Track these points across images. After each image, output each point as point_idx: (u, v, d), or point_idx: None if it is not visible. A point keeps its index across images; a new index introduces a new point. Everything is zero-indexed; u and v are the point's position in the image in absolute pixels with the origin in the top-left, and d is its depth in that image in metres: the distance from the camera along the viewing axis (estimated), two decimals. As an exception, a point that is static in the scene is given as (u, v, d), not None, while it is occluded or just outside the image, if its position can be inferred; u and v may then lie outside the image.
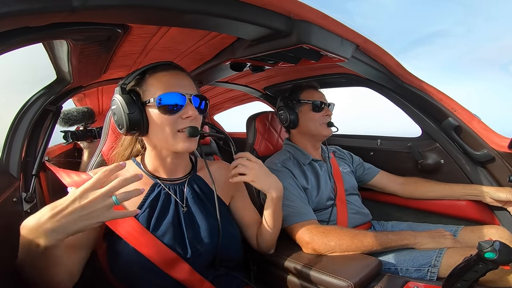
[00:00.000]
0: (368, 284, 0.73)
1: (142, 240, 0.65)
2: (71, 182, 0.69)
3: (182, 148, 0.68)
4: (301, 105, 1.20)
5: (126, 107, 0.65)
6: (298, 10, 0.67)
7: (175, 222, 0.70)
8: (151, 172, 0.75)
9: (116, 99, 0.67)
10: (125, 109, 0.65)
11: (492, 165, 1.06)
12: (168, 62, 0.72)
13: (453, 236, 0.94)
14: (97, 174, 0.53)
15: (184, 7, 0.55)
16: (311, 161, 1.18)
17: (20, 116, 0.89)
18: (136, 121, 0.66)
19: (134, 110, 0.66)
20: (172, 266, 0.66)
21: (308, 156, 1.19)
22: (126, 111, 0.65)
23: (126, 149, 0.80)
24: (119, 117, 0.66)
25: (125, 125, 0.65)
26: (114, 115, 0.68)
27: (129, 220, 0.66)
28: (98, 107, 2.00)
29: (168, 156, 0.74)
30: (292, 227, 0.96)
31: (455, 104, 1.08)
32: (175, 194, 0.74)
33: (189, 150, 0.70)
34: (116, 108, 0.67)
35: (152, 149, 0.73)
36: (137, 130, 0.67)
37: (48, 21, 0.49)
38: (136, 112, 0.66)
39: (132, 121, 0.65)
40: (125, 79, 0.69)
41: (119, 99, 0.66)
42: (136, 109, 0.66)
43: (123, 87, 0.68)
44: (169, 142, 0.68)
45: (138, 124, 0.66)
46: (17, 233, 0.59)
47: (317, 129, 1.17)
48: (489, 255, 0.58)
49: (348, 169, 1.30)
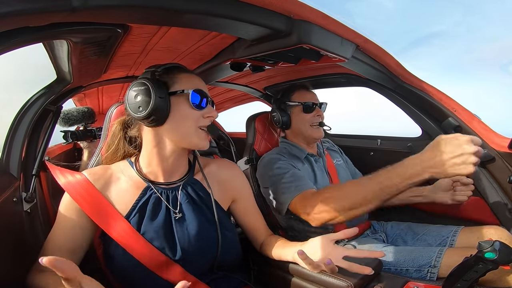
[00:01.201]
0: (368, 284, 0.73)
1: (133, 242, 0.65)
2: (65, 183, 0.68)
3: (200, 144, 0.71)
4: (293, 107, 1.23)
5: (158, 90, 0.65)
6: (298, 10, 0.67)
7: (165, 226, 0.69)
8: (145, 174, 0.73)
9: (144, 81, 0.66)
10: (157, 92, 0.64)
11: (492, 165, 1.06)
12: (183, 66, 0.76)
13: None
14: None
15: (184, 7, 0.55)
16: (307, 156, 1.20)
17: (20, 116, 0.89)
18: (161, 108, 0.65)
19: (163, 95, 0.66)
20: (163, 268, 0.66)
21: (304, 150, 1.21)
22: (157, 94, 0.64)
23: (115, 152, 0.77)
24: (145, 100, 0.65)
25: (150, 108, 0.64)
26: (137, 96, 0.66)
27: (120, 222, 0.66)
28: (98, 107, 2.00)
29: (171, 156, 0.72)
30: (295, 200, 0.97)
31: (455, 104, 1.08)
32: (167, 199, 0.72)
33: (205, 147, 0.72)
34: (144, 89, 0.65)
35: (155, 145, 0.71)
36: (155, 117, 0.66)
37: (48, 21, 0.49)
38: (165, 97, 0.66)
39: (158, 106, 0.64)
40: (155, 68, 0.69)
41: (149, 82, 0.65)
42: (165, 95, 0.66)
43: (154, 73, 0.68)
44: (188, 136, 0.70)
45: (162, 111, 0.66)
46: (17, 233, 0.60)
47: (307, 131, 1.20)
48: (489, 255, 0.58)
49: (341, 160, 1.33)
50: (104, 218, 0.66)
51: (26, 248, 0.76)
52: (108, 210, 0.67)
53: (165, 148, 0.71)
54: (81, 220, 0.67)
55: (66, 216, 0.66)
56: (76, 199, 0.66)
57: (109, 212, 0.67)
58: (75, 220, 0.66)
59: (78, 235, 0.67)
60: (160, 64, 0.71)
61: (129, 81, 1.28)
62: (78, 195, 0.66)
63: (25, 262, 0.68)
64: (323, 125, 1.21)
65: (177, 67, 0.73)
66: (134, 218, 0.68)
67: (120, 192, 0.70)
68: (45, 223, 0.91)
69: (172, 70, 0.72)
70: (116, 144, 0.76)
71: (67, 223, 0.66)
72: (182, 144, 0.71)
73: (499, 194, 1.08)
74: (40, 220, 0.88)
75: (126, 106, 0.69)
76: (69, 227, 0.66)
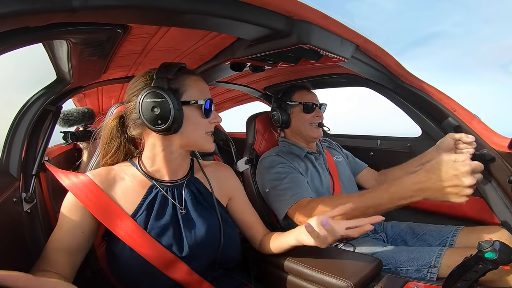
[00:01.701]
0: (368, 284, 0.73)
1: (140, 241, 0.65)
2: (69, 184, 0.68)
3: (210, 147, 0.74)
4: (293, 106, 1.23)
5: (176, 103, 0.65)
6: (298, 10, 0.67)
7: (172, 223, 0.70)
8: (149, 173, 0.74)
9: (160, 92, 0.65)
10: (175, 105, 0.65)
11: (492, 165, 1.06)
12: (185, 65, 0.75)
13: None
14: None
15: (184, 7, 0.55)
16: (307, 154, 1.21)
17: (20, 116, 0.89)
18: (179, 119, 0.66)
19: (179, 107, 0.66)
20: (170, 266, 0.66)
21: (304, 149, 1.22)
22: (177, 107, 0.65)
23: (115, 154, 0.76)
24: (164, 114, 0.65)
25: (170, 120, 0.65)
26: (155, 108, 0.65)
27: (127, 221, 0.66)
28: (98, 107, 2.00)
29: (178, 157, 0.74)
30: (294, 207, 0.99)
31: (455, 104, 1.08)
32: (172, 197, 0.73)
33: (212, 150, 0.76)
34: (162, 102, 0.65)
35: (163, 148, 0.72)
36: (173, 129, 0.67)
37: (48, 21, 0.49)
38: (180, 109, 0.67)
39: (176, 118, 0.65)
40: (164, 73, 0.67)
41: (167, 95, 0.65)
42: (179, 107, 0.67)
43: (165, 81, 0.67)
44: (199, 142, 0.73)
45: (178, 122, 0.67)
46: (17, 233, 0.59)
47: (306, 130, 1.21)
48: (489, 255, 0.58)
49: (341, 158, 1.33)
50: (110, 218, 0.66)
51: (26, 248, 0.76)
52: (114, 209, 0.67)
53: (173, 151, 0.73)
54: (85, 220, 0.67)
55: (69, 216, 0.66)
56: (81, 199, 0.66)
57: (115, 211, 0.67)
58: (78, 220, 0.66)
59: (81, 235, 0.66)
60: (167, 65, 0.70)
61: (129, 81, 1.27)
62: (83, 196, 0.66)
63: (25, 262, 0.68)
64: (322, 125, 1.22)
65: (183, 68, 0.72)
66: (140, 217, 0.68)
67: (125, 192, 0.71)
68: (45, 223, 0.91)
69: (180, 73, 0.71)
70: (118, 144, 0.76)
71: (70, 223, 0.66)
72: (191, 148, 0.75)
73: (499, 194, 1.08)
74: (40, 220, 0.88)
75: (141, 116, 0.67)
76: (73, 227, 0.66)
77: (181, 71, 0.71)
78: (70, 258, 0.66)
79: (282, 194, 1.03)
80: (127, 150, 0.77)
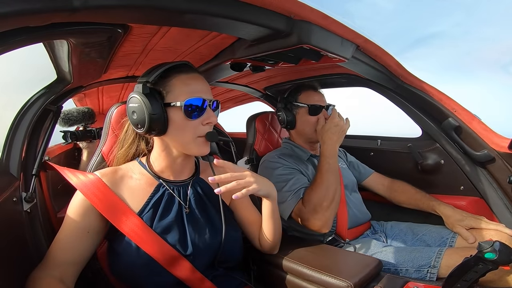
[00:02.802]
0: (368, 284, 0.73)
1: (145, 237, 0.65)
2: (78, 182, 0.68)
3: (199, 152, 0.71)
4: (299, 107, 1.20)
5: (150, 107, 0.64)
6: (299, 10, 0.66)
7: (178, 222, 0.71)
8: (156, 173, 0.75)
9: (137, 97, 0.65)
10: (149, 109, 0.64)
11: (492, 166, 1.06)
12: (186, 62, 0.73)
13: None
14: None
15: (184, 7, 0.55)
16: (310, 157, 1.20)
17: (20, 116, 0.89)
18: (158, 122, 0.65)
19: (158, 110, 0.65)
20: (173, 264, 0.66)
21: (307, 152, 1.20)
22: (150, 111, 0.64)
23: (129, 148, 0.78)
24: (140, 117, 0.65)
25: (147, 125, 0.64)
26: (134, 113, 0.66)
27: (133, 218, 0.67)
28: (98, 107, 2.00)
29: (179, 157, 0.74)
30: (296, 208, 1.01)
31: (455, 104, 1.08)
32: (178, 196, 0.74)
33: (204, 154, 0.72)
34: (138, 106, 0.65)
35: (163, 149, 0.73)
36: (156, 131, 0.66)
37: (48, 21, 0.49)
38: (159, 112, 0.65)
39: (154, 121, 0.64)
40: (147, 77, 0.67)
41: (142, 98, 0.64)
42: (159, 109, 0.65)
43: (145, 86, 0.66)
44: (187, 145, 0.70)
45: (159, 125, 0.65)
46: (17, 232, 0.59)
47: (312, 133, 1.17)
48: (489, 256, 0.58)
49: (345, 165, 1.32)
50: (116, 215, 0.66)
51: (26, 248, 0.76)
52: (121, 207, 0.67)
53: (172, 152, 0.73)
54: (92, 220, 0.67)
55: (76, 216, 0.66)
56: (89, 198, 0.66)
57: (122, 209, 0.67)
58: (85, 220, 0.66)
59: (86, 235, 0.66)
60: (152, 68, 0.69)
61: (129, 81, 1.28)
62: (92, 194, 0.66)
63: (25, 262, 0.68)
64: None
65: (173, 68, 0.69)
66: (147, 214, 0.69)
67: (132, 190, 0.71)
68: (45, 223, 0.91)
69: (167, 74, 0.69)
70: (131, 141, 0.77)
71: (76, 223, 0.66)
72: (184, 151, 0.73)
73: (499, 194, 1.08)
74: (40, 220, 0.88)
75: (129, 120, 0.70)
76: (79, 226, 0.66)
77: (169, 72, 0.69)
78: (75, 258, 0.66)
79: (286, 196, 1.03)
80: (138, 146, 0.78)
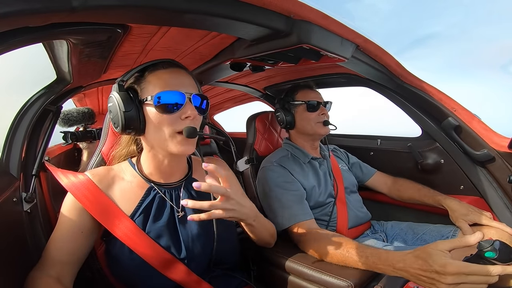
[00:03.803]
0: (368, 284, 0.73)
1: (138, 241, 0.65)
2: (68, 184, 0.68)
3: (178, 150, 0.65)
4: (297, 106, 1.20)
5: (123, 104, 0.62)
6: (298, 10, 0.66)
7: (170, 225, 0.70)
8: (146, 175, 0.73)
9: (112, 96, 0.65)
10: (121, 106, 0.62)
11: (492, 165, 1.06)
12: (168, 60, 0.70)
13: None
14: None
15: (184, 7, 0.55)
16: (311, 160, 1.19)
17: (20, 116, 0.89)
18: (133, 120, 0.63)
19: (131, 108, 0.63)
20: (168, 267, 0.66)
21: (308, 154, 1.19)
22: (123, 109, 0.62)
23: (123, 148, 0.78)
24: (115, 115, 0.64)
25: (121, 123, 0.63)
26: (110, 112, 0.66)
27: (125, 221, 0.66)
28: (98, 107, 2.00)
29: (165, 158, 0.71)
30: (289, 229, 0.97)
31: (455, 104, 1.08)
32: (170, 199, 0.73)
33: (186, 153, 0.67)
34: (112, 105, 0.65)
35: (149, 150, 0.71)
36: (133, 130, 0.65)
37: (47, 21, 0.49)
38: (132, 110, 0.63)
39: (128, 119, 0.63)
40: (123, 76, 0.66)
41: (116, 96, 0.64)
42: (133, 107, 0.64)
43: (121, 84, 0.66)
44: (166, 143, 0.65)
45: (135, 123, 0.64)
46: (17, 233, 0.59)
47: (312, 128, 1.18)
48: (489, 255, 0.58)
49: (346, 167, 1.31)
50: (109, 218, 0.66)
51: (26, 248, 0.76)
52: (112, 209, 0.67)
53: (158, 152, 0.71)
54: (84, 220, 0.67)
55: (69, 216, 0.66)
56: (79, 199, 0.66)
57: (114, 211, 0.67)
58: (77, 220, 0.66)
59: (81, 235, 0.66)
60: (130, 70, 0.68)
61: (129, 81, 1.27)
62: (82, 196, 0.66)
63: (25, 262, 0.68)
64: (328, 123, 1.19)
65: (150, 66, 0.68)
66: (139, 218, 0.68)
67: (123, 192, 0.70)
68: (45, 223, 0.91)
69: (143, 73, 0.68)
70: (126, 143, 0.78)
71: (69, 223, 0.66)
72: (165, 150, 0.67)
73: (499, 194, 1.08)
74: (40, 220, 0.88)
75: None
76: (72, 227, 0.66)
77: (147, 69, 0.68)
78: (70, 258, 0.66)
79: (281, 212, 1.00)
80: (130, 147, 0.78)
